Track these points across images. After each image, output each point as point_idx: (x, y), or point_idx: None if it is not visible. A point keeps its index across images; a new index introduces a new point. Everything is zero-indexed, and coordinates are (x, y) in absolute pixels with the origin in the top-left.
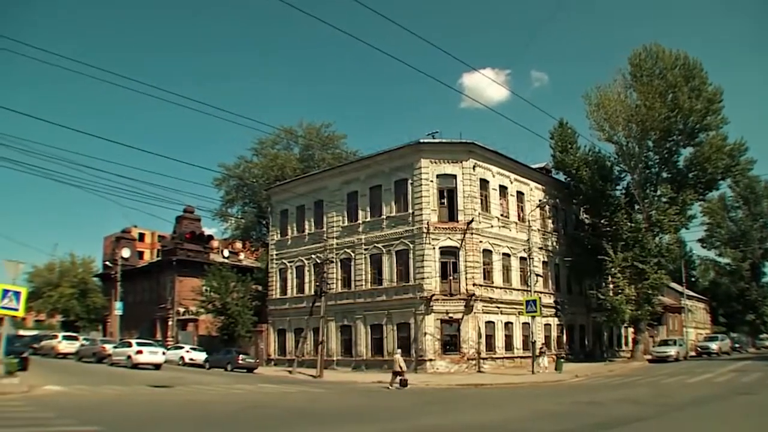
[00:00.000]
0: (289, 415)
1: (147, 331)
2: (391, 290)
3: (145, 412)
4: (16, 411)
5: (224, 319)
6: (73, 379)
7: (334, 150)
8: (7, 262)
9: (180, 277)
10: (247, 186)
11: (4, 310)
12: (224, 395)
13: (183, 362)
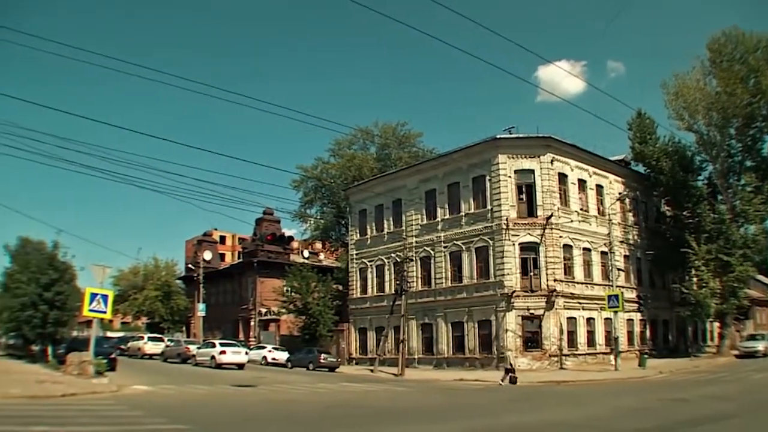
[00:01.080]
0: (372, 414)
1: (230, 331)
2: (472, 287)
3: (231, 412)
4: (107, 410)
5: (306, 318)
6: (160, 379)
7: (411, 148)
8: (95, 267)
9: (261, 278)
10: (325, 187)
11: (93, 312)
12: (307, 394)
13: (265, 362)
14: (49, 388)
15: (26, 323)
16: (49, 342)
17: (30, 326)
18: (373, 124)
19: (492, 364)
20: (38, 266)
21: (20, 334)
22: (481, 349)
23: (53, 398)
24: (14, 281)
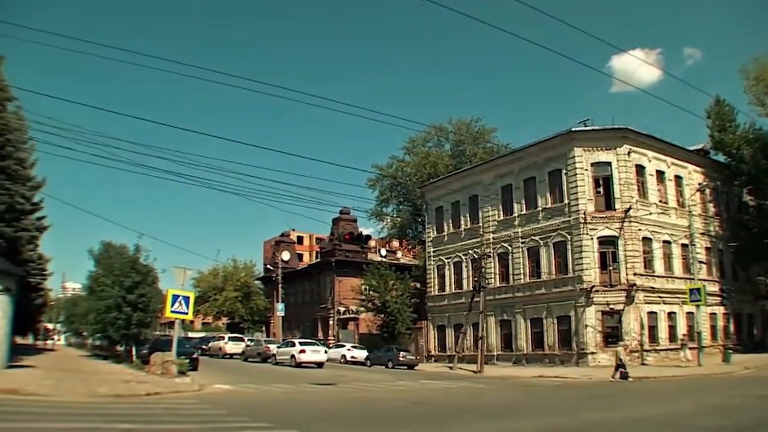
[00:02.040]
0: (452, 411)
1: (309, 330)
2: (550, 283)
3: (312, 409)
4: (190, 408)
5: (384, 317)
6: (241, 378)
7: (486, 144)
8: (176, 269)
9: (339, 277)
10: (400, 185)
11: (175, 314)
12: (387, 392)
13: (344, 360)
14: (134, 387)
15: (111, 325)
16: (133, 343)
17: (115, 327)
18: (447, 120)
19: (572, 360)
20: (121, 269)
21: (106, 335)
22: (561, 345)
23: (138, 397)
24: (99, 284)
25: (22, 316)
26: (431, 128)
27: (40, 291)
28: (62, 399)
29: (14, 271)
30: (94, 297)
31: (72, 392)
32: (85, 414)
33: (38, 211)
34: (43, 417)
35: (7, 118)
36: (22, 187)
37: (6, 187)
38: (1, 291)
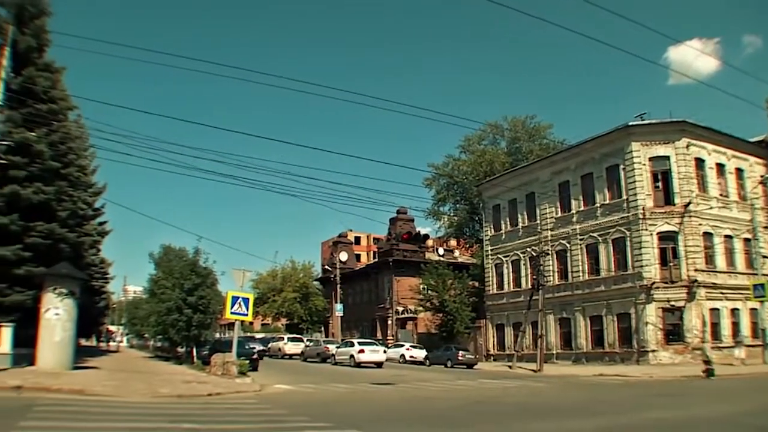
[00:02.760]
0: (511, 410)
1: (367, 330)
2: (609, 280)
3: (371, 409)
4: (251, 408)
5: (442, 316)
6: (300, 379)
7: (541, 141)
8: (235, 271)
9: (397, 277)
10: (457, 183)
11: (235, 315)
12: (446, 391)
13: (403, 360)
14: (195, 388)
15: (172, 326)
16: (194, 344)
17: (175, 329)
18: (502, 118)
19: (632, 358)
20: (181, 272)
21: (167, 336)
22: (621, 343)
23: (200, 397)
24: (160, 287)
25: (86, 318)
26: (487, 126)
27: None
28: (126, 399)
29: (78, 275)
30: (155, 299)
31: (135, 393)
32: (148, 414)
33: (100, 217)
34: (109, 417)
35: (69, 126)
36: (84, 193)
37: (69, 193)
38: (65, 295)
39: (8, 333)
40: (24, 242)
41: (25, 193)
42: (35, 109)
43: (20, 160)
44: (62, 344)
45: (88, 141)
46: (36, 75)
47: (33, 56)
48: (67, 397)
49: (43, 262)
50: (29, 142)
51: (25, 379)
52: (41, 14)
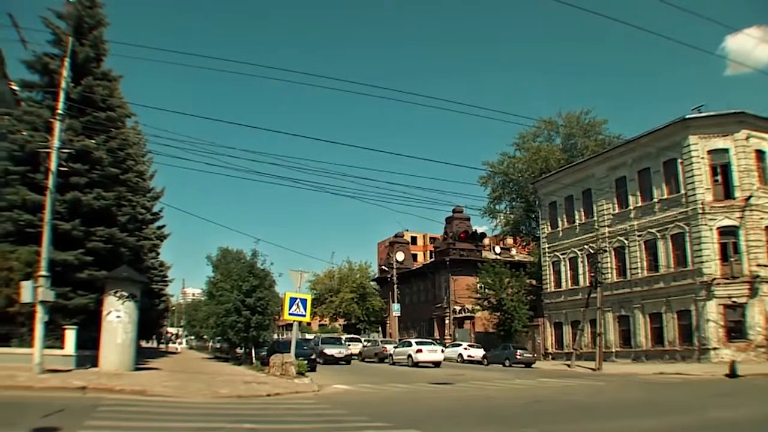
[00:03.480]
0: (571, 409)
1: (425, 330)
2: (669, 276)
3: (430, 408)
4: (310, 408)
5: (500, 315)
6: (358, 379)
7: (597, 136)
8: (293, 272)
9: (454, 276)
10: (512, 181)
11: (293, 316)
12: (505, 390)
13: (461, 359)
14: (254, 388)
15: (231, 328)
16: (253, 345)
17: (234, 331)
18: (556, 114)
19: (693, 356)
20: (240, 274)
21: (226, 338)
22: (681, 340)
23: (259, 397)
24: (218, 289)
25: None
26: (541, 122)
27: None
28: (187, 400)
29: (138, 279)
30: (213, 301)
31: (196, 393)
32: (209, 414)
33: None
34: (170, 417)
35: (127, 133)
36: (142, 198)
37: (128, 198)
38: (126, 297)
39: (72, 335)
40: (86, 247)
41: (86, 199)
42: (94, 117)
43: (81, 167)
44: (124, 346)
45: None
46: (94, 84)
47: (91, 66)
48: (129, 398)
49: (105, 266)
50: (89, 149)
51: (89, 380)
52: (98, 25)
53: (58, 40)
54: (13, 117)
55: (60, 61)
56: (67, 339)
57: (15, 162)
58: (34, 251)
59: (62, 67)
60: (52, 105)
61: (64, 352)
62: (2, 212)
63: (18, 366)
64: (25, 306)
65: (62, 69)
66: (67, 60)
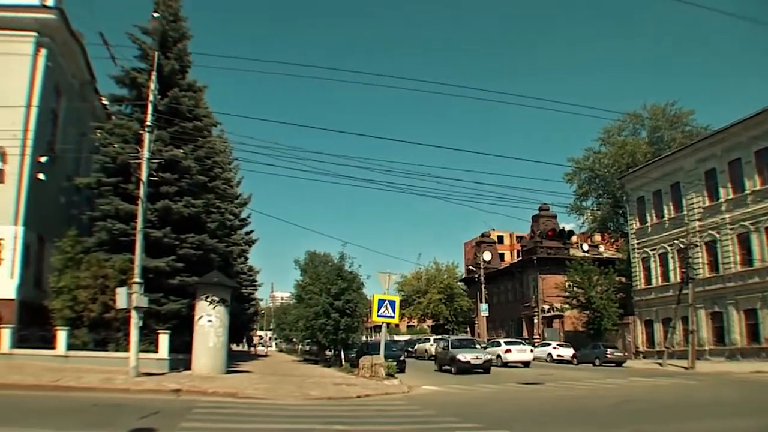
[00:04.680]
0: (663, 409)
1: (513, 329)
2: (764, 270)
3: (520, 409)
4: (400, 409)
5: (589, 313)
6: (448, 379)
7: (684, 128)
8: (380, 274)
9: (542, 275)
10: (598, 177)
11: (381, 317)
12: (595, 390)
13: (551, 359)
14: (344, 390)
15: (320, 330)
16: (342, 347)
17: (323, 333)
18: (641, 107)
19: None
20: (328, 277)
21: (315, 340)
22: None
23: (349, 399)
24: (307, 292)
25: (237, 324)
26: (626, 116)
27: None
28: (278, 402)
29: (228, 284)
30: (302, 305)
31: (286, 395)
32: (300, 416)
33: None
34: (262, 418)
35: (213, 141)
36: (230, 204)
37: (216, 205)
38: (218, 302)
39: (165, 340)
40: (177, 254)
41: (176, 207)
42: (181, 127)
43: (170, 176)
44: (215, 349)
45: (231, 154)
46: (180, 95)
47: (177, 78)
48: (222, 400)
49: (195, 272)
50: (178, 159)
51: (183, 383)
52: (182, 38)
53: (144, 54)
54: (105, 130)
55: (147, 74)
56: (160, 343)
57: (108, 174)
58: (127, 259)
59: (149, 80)
60: (141, 117)
61: (158, 355)
62: (97, 222)
63: (115, 369)
64: (120, 312)
65: (149, 82)
66: (153, 73)
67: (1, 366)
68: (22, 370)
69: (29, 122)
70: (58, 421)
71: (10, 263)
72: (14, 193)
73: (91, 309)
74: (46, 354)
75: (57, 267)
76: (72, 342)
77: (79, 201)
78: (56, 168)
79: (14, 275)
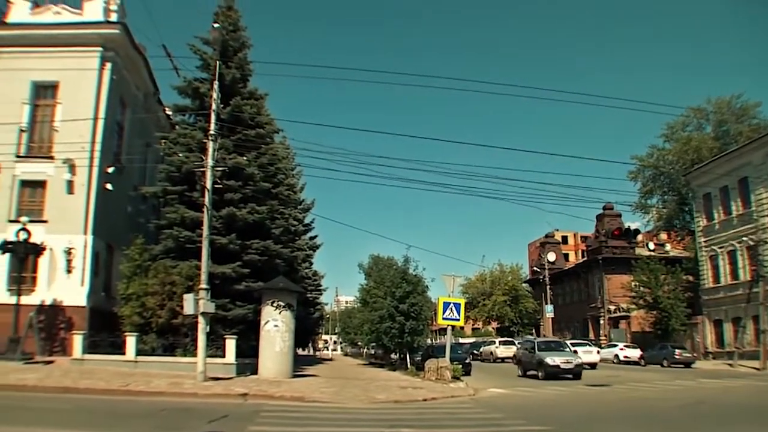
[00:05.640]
0: (735, 412)
1: (579, 330)
2: None
3: (587, 411)
4: (467, 412)
5: (656, 313)
6: (514, 382)
7: (751, 121)
8: (445, 277)
9: (607, 275)
10: (663, 174)
11: (447, 320)
12: (663, 392)
13: (617, 360)
14: (410, 393)
15: (385, 334)
16: (407, 350)
17: (389, 336)
18: (705, 101)
19: None
20: (392, 281)
21: (380, 344)
22: None
23: (415, 402)
24: (371, 296)
25: (302, 329)
26: (690, 111)
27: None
28: (344, 405)
29: (293, 288)
30: (367, 308)
31: (353, 399)
32: (367, 419)
33: (310, 231)
34: (329, 422)
35: (275, 148)
36: (294, 210)
37: (280, 211)
38: (283, 307)
39: (232, 344)
40: (242, 260)
41: (240, 214)
42: (244, 135)
43: (234, 183)
44: (282, 354)
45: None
46: (242, 104)
47: (238, 87)
48: (289, 404)
49: (261, 278)
50: (241, 166)
51: (250, 387)
52: (242, 47)
53: (205, 64)
54: (169, 140)
55: (209, 84)
56: (227, 348)
57: (173, 182)
58: (194, 265)
59: (212, 89)
60: (204, 126)
61: (225, 360)
62: (163, 230)
63: (183, 374)
64: (187, 317)
65: (212, 92)
66: (215, 83)
67: (74, 371)
68: (94, 375)
69: (96, 134)
70: (130, 424)
71: (80, 271)
72: (83, 203)
73: (159, 315)
74: (116, 359)
75: (125, 274)
76: (141, 347)
77: (146, 210)
78: (123, 178)
79: (84, 283)
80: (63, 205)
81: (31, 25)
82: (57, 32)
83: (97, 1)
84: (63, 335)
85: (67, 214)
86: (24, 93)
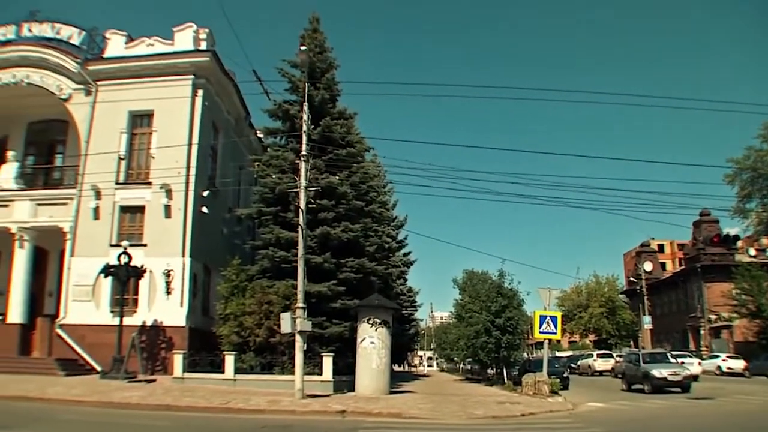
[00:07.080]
0: None
1: (679, 341)
2: None
3: (691, 425)
4: (565, 427)
5: (760, 322)
6: (613, 396)
7: None
8: (541, 290)
9: (707, 284)
10: (762, 176)
11: (543, 334)
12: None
13: (720, 371)
14: (508, 408)
15: (481, 349)
16: (504, 365)
17: (485, 351)
18: None
19: None
20: (487, 295)
21: (476, 359)
22: None
23: (514, 418)
24: (467, 311)
25: (398, 345)
26: None
27: (412, 321)
28: (442, 421)
29: (389, 305)
30: (462, 323)
31: (450, 415)
32: None
33: (404, 248)
34: None
35: (367, 166)
36: (387, 227)
37: (374, 229)
38: (379, 324)
39: (329, 362)
40: (337, 278)
41: (334, 232)
42: (335, 154)
43: (327, 203)
44: (378, 371)
45: (385, 178)
46: (332, 124)
47: (327, 107)
48: (387, 420)
49: (356, 295)
50: (333, 185)
51: (348, 404)
52: (329, 68)
53: (294, 87)
54: (262, 162)
55: (298, 106)
56: (324, 366)
57: (267, 204)
58: (290, 285)
59: (301, 111)
60: (296, 147)
61: (323, 378)
62: (259, 250)
63: (281, 392)
64: (285, 336)
65: (302, 113)
66: (305, 104)
67: (175, 389)
68: (194, 393)
69: (191, 159)
70: None
71: (179, 293)
72: (180, 226)
73: (257, 334)
74: (216, 378)
75: (223, 295)
76: (239, 366)
77: (241, 231)
78: (217, 201)
79: (183, 304)
80: (161, 229)
81: (127, 58)
82: (151, 63)
83: (187, 31)
84: (164, 355)
85: (165, 238)
86: (122, 123)
